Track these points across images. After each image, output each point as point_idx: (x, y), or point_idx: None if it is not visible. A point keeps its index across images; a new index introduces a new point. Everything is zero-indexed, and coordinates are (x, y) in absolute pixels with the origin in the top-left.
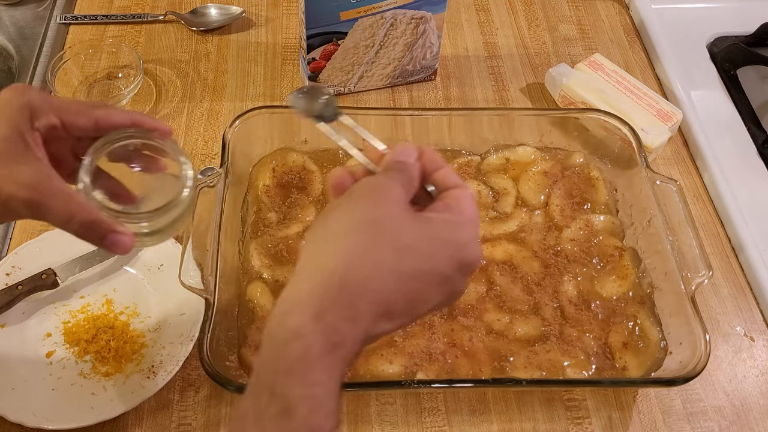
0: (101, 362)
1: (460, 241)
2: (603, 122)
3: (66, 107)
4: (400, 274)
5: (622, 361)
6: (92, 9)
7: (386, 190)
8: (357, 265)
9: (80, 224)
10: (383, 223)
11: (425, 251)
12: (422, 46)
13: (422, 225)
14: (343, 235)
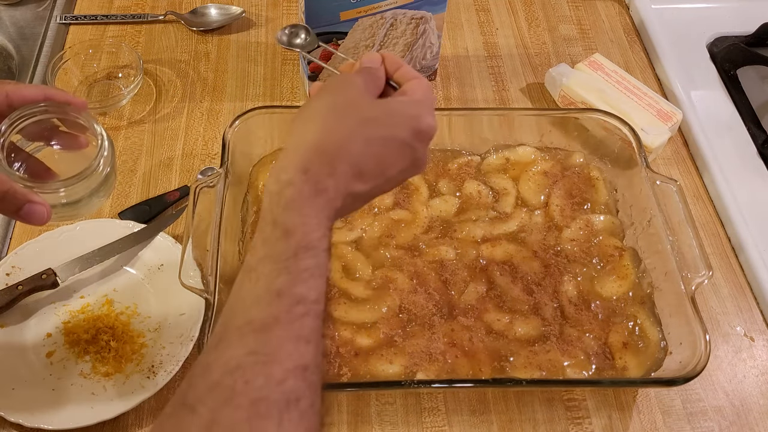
0: (101, 362)
1: (413, 113)
2: (603, 122)
3: None
4: (366, 138)
5: (622, 361)
6: (92, 9)
7: (350, 82)
8: (330, 135)
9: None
10: (349, 103)
11: (385, 121)
12: (422, 46)
13: (381, 104)
14: (318, 115)
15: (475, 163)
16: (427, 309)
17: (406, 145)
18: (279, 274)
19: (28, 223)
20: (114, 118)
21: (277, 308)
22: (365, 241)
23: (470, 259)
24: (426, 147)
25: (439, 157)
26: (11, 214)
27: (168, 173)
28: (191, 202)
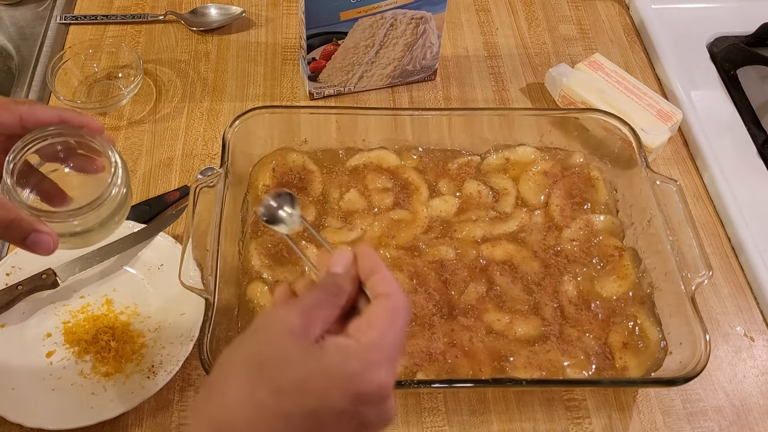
0: (101, 362)
1: (351, 371)
2: (603, 122)
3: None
4: (285, 416)
5: (622, 361)
6: (92, 9)
7: (276, 323)
8: (239, 413)
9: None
10: (266, 361)
11: (310, 387)
12: (422, 46)
13: (312, 357)
14: (227, 380)
15: (475, 163)
16: (427, 309)
17: (344, 415)
18: None
19: (34, 252)
20: (114, 118)
21: None
22: (365, 241)
23: (470, 259)
24: (380, 407)
25: (439, 157)
26: (17, 242)
27: (168, 173)
28: (191, 202)
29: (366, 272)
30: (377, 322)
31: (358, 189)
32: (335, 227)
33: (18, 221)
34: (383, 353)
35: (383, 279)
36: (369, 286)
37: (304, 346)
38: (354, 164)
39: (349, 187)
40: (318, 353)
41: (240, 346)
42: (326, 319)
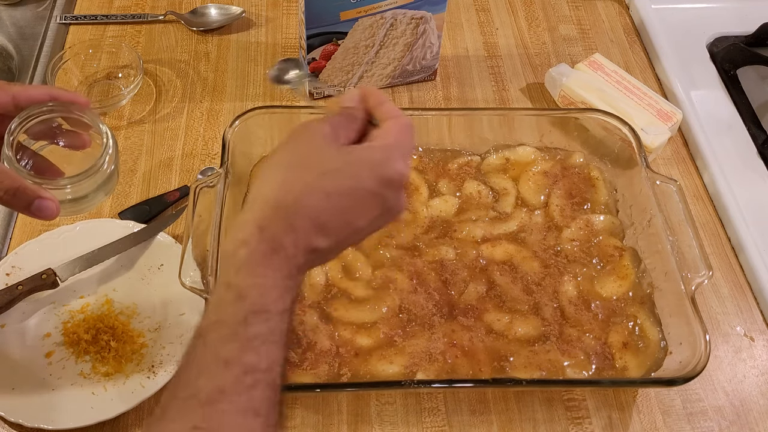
0: (101, 362)
1: (379, 159)
2: (603, 122)
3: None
4: (326, 192)
5: (622, 361)
6: (92, 9)
7: (313, 130)
8: (288, 190)
9: (5, 191)
10: (309, 155)
11: (347, 172)
12: (422, 46)
13: (344, 152)
14: (277, 168)
15: (475, 163)
16: (427, 309)
17: (373, 195)
18: (227, 341)
19: (38, 217)
20: (114, 118)
21: (224, 379)
22: (365, 241)
23: (470, 259)
24: (398, 193)
25: (439, 157)
26: (22, 209)
27: (168, 173)
28: (191, 202)
29: (374, 103)
30: (391, 131)
31: None
32: None
33: (23, 189)
34: (399, 150)
35: (389, 107)
36: (378, 114)
37: (337, 146)
38: None
39: None
40: (348, 150)
41: (280, 152)
42: (347, 136)
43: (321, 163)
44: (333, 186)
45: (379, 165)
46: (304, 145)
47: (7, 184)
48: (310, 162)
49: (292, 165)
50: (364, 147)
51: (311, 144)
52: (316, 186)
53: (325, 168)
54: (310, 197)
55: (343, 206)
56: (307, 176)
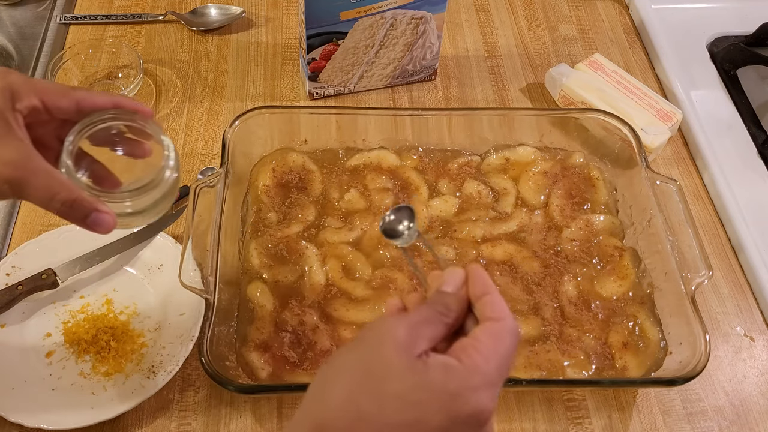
0: (101, 362)
1: (453, 389)
2: (603, 122)
3: (47, 89)
4: (383, 425)
5: (622, 361)
6: (92, 9)
7: (384, 334)
8: (338, 416)
9: (62, 203)
10: (371, 369)
11: (411, 400)
12: (422, 46)
13: (415, 371)
14: (331, 383)
15: (475, 163)
16: None
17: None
18: None
19: (94, 231)
20: None
21: None
22: (365, 241)
23: (470, 259)
24: (477, 431)
25: (439, 157)
26: (78, 221)
27: None
28: (191, 202)
29: (477, 293)
30: (483, 345)
31: (358, 189)
32: (335, 227)
33: (80, 201)
34: (486, 377)
35: (493, 302)
36: (478, 307)
37: (409, 360)
38: (354, 164)
39: (349, 187)
40: (421, 368)
41: (346, 353)
42: (432, 337)
43: (383, 383)
44: (391, 417)
45: (453, 399)
46: (370, 352)
47: (64, 195)
48: (371, 379)
49: (349, 378)
50: (442, 367)
51: (378, 354)
52: (372, 416)
53: (386, 391)
54: (361, 427)
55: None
56: (364, 401)
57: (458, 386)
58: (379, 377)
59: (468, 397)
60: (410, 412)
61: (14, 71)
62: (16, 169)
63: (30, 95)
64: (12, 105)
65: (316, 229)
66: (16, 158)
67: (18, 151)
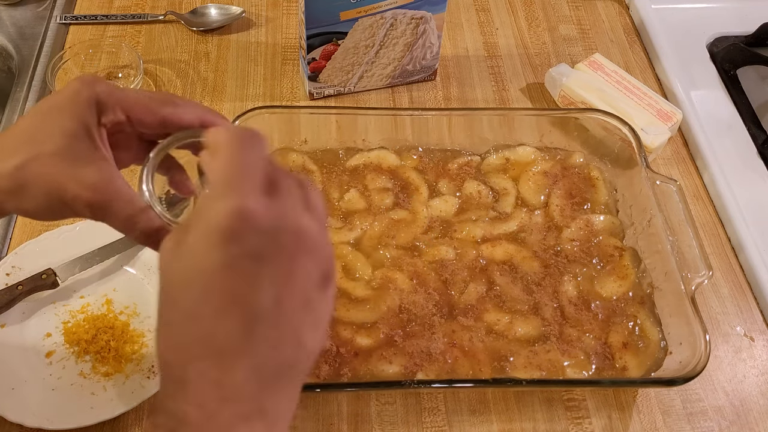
0: (101, 362)
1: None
2: (603, 122)
3: (134, 102)
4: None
5: (622, 361)
6: (92, 9)
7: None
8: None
9: (141, 232)
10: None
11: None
12: (422, 46)
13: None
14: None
15: (475, 163)
16: (427, 309)
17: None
18: None
19: None
20: None
21: None
22: (365, 241)
23: (470, 259)
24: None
25: (439, 157)
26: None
27: None
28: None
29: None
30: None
31: (358, 189)
32: (335, 227)
33: (159, 232)
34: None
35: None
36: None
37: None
38: (354, 164)
39: (349, 187)
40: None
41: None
42: None
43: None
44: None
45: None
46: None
47: (143, 225)
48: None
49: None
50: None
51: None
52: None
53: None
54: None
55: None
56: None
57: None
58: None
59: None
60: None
61: (101, 80)
62: (98, 193)
63: (116, 109)
64: (98, 119)
65: None
66: (98, 181)
67: (101, 173)
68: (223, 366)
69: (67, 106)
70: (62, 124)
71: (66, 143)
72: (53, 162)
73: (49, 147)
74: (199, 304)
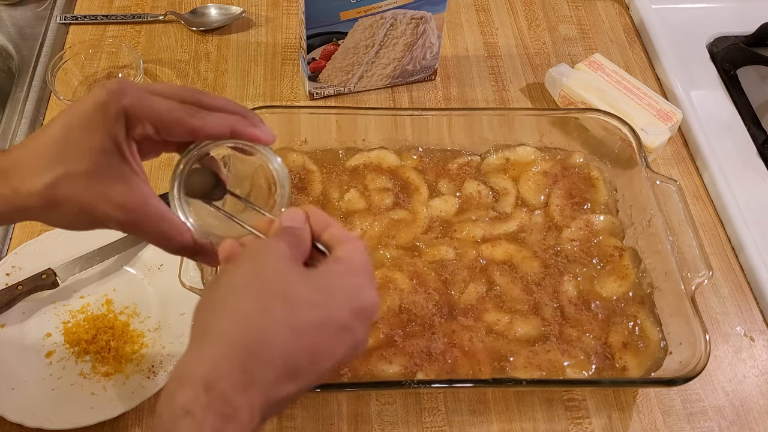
0: (101, 362)
1: (352, 286)
2: (603, 122)
3: (163, 114)
4: (295, 327)
5: (622, 361)
6: (92, 9)
7: (270, 249)
8: (247, 324)
9: (174, 248)
10: (270, 279)
11: (318, 301)
12: (422, 46)
13: (311, 278)
14: (229, 298)
15: (475, 163)
16: (427, 309)
17: (345, 329)
18: None
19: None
20: None
21: None
22: (365, 241)
23: (470, 259)
24: (367, 326)
25: (439, 157)
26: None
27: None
28: None
29: (321, 226)
30: (355, 253)
31: (358, 189)
32: None
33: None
34: (368, 276)
35: (340, 230)
36: (326, 237)
37: (300, 269)
38: (354, 164)
39: (349, 187)
40: (314, 275)
41: (230, 274)
42: (300, 260)
43: (285, 289)
44: (303, 319)
45: (355, 293)
46: (260, 265)
47: (177, 242)
48: (271, 287)
49: (247, 289)
50: (333, 270)
51: (271, 265)
52: (283, 319)
53: (290, 295)
54: (275, 335)
55: (313, 343)
56: (271, 306)
57: (352, 284)
58: (280, 286)
59: (363, 292)
60: (316, 311)
61: (129, 89)
62: (130, 213)
63: (145, 122)
64: (126, 132)
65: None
66: (130, 201)
67: (132, 192)
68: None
69: (95, 121)
70: (91, 140)
71: (96, 161)
72: (83, 181)
73: (79, 165)
74: (319, 343)
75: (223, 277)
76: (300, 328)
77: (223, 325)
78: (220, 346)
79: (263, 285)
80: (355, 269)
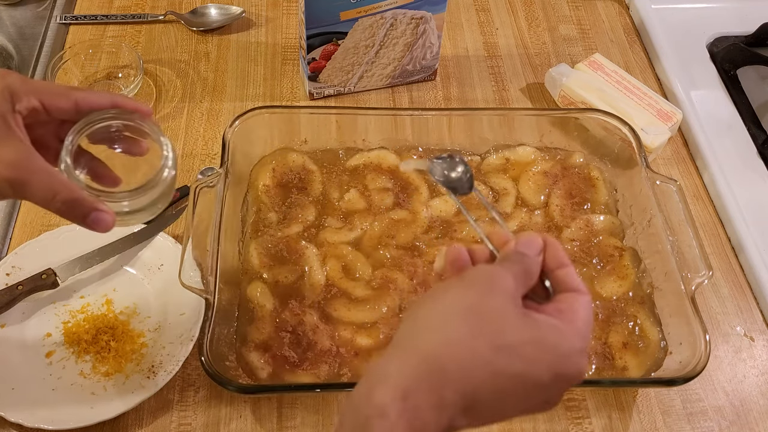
0: (101, 362)
1: (564, 351)
2: (603, 122)
3: (46, 89)
4: (496, 371)
5: (622, 361)
6: (92, 9)
7: (497, 281)
8: (452, 352)
9: (62, 202)
10: (488, 315)
11: (525, 354)
12: (422, 46)
13: (528, 325)
14: (444, 321)
15: (475, 163)
16: None
17: (541, 388)
18: None
19: (94, 230)
20: None
21: None
22: (365, 241)
23: None
24: (565, 391)
25: None
26: (78, 220)
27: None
28: (191, 202)
29: (554, 263)
30: (579, 311)
31: (358, 189)
32: (335, 227)
33: (80, 200)
34: (585, 342)
35: (573, 275)
36: (557, 277)
37: (520, 313)
38: (354, 164)
39: (349, 187)
40: (532, 323)
41: (454, 293)
42: (523, 293)
43: (499, 331)
44: (504, 366)
45: (564, 359)
46: (482, 297)
47: (64, 195)
48: (487, 325)
49: (463, 319)
50: (552, 326)
51: (492, 300)
52: (486, 360)
53: (502, 339)
54: (473, 372)
55: (504, 389)
56: (480, 343)
57: (568, 348)
58: (496, 323)
59: (575, 359)
60: (521, 364)
61: (13, 72)
62: (17, 170)
63: (29, 96)
64: (12, 106)
65: (316, 229)
66: (16, 159)
67: (18, 151)
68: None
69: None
70: None
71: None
72: None
73: None
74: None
75: (445, 296)
76: (500, 373)
77: (431, 344)
78: (425, 364)
79: (479, 319)
80: (574, 330)
